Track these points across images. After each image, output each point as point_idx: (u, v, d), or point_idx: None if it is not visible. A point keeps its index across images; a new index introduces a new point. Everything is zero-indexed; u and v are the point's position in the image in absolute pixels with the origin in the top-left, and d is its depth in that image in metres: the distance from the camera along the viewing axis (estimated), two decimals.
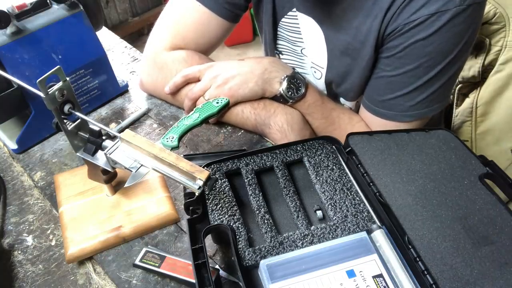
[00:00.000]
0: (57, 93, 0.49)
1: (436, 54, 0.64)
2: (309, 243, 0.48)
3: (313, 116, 0.74)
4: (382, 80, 0.70)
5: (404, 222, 0.48)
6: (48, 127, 0.64)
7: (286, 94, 0.70)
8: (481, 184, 0.52)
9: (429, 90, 0.67)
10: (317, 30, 0.74)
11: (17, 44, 0.66)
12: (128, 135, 0.50)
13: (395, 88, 0.69)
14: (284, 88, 0.70)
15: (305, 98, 0.72)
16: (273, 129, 0.71)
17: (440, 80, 0.67)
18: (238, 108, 0.72)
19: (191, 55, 0.79)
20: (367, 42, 0.68)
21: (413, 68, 0.65)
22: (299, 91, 0.71)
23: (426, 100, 0.68)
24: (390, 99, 0.70)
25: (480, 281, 0.43)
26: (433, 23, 0.60)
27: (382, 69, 0.69)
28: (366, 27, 0.67)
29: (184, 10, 0.79)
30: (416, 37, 0.62)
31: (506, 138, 0.90)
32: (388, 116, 0.72)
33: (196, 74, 0.74)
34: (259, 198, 0.53)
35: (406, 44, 0.64)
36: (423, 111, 0.70)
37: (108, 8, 2.56)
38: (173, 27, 0.80)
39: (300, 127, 0.72)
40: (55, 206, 0.64)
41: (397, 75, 0.67)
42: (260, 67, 0.71)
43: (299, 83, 0.71)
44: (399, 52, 0.65)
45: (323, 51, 0.76)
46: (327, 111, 0.74)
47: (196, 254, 0.46)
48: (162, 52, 0.80)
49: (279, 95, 0.71)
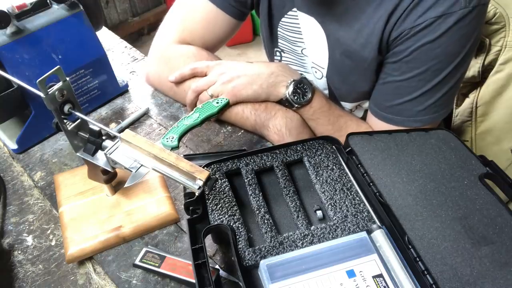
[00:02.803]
0: (57, 93, 0.49)
1: (444, 57, 0.63)
2: (309, 243, 0.48)
3: (317, 122, 0.73)
4: (389, 85, 0.70)
5: (404, 222, 0.48)
6: (48, 127, 0.64)
7: (292, 98, 0.70)
8: (481, 184, 0.52)
9: (437, 94, 0.67)
10: (318, 30, 0.74)
11: (17, 44, 0.66)
12: (128, 135, 0.50)
13: (403, 93, 0.68)
14: (290, 92, 0.70)
15: (311, 104, 0.72)
16: (271, 131, 0.71)
17: (448, 84, 0.66)
18: (239, 108, 0.72)
19: (200, 51, 0.80)
20: (369, 44, 0.67)
21: (421, 72, 0.65)
22: (305, 97, 0.71)
23: (434, 104, 0.68)
24: (398, 104, 0.70)
25: (480, 281, 0.43)
26: (439, 26, 0.60)
27: (390, 74, 0.69)
28: (368, 29, 0.66)
29: (192, 6, 0.81)
30: (423, 40, 0.62)
31: (506, 138, 0.90)
32: (397, 121, 0.71)
33: (204, 69, 0.75)
34: (259, 198, 0.53)
35: (414, 47, 0.63)
36: (432, 116, 0.69)
37: (108, 8, 2.56)
38: (181, 22, 0.82)
39: (298, 131, 0.72)
40: (55, 206, 0.64)
41: (405, 79, 0.67)
42: (268, 70, 0.72)
43: (305, 89, 0.71)
44: (407, 56, 0.65)
45: (324, 51, 0.76)
46: (334, 117, 0.74)
47: (196, 254, 0.46)
48: (169, 45, 0.81)
49: (285, 99, 0.71)
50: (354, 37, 0.69)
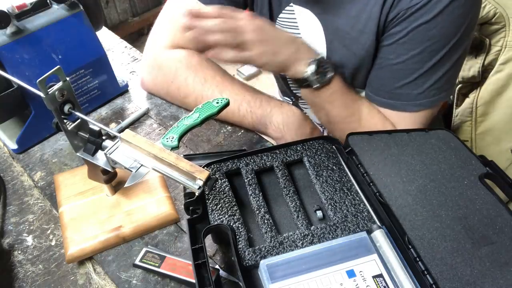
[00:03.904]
0: (57, 93, 0.49)
1: (440, 37, 0.63)
2: (309, 243, 0.48)
3: (334, 105, 0.71)
4: (386, 69, 0.69)
5: (404, 222, 0.48)
6: (48, 127, 0.64)
7: (314, 77, 0.66)
8: (481, 184, 0.52)
9: (435, 76, 0.67)
10: (314, 22, 0.74)
11: (17, 44, 0.66)
12: (128, 135, 0.50)
13: (401, 76, 0.68)
14: (312, 71, 0.66)
15: (330, 85, 0.69)
16: (270, 128, 0.71)
17: (446, 65, 0.66)
18: (235, 106, 0.72)
19: (191, 55, 0.78)
20: (367, 29, 0.67)
21: (418, 53, 0.65)
22: (326, 76, 0.68)
23: (433, 86, 0.68)
24: (396, 88, 0.69)
25: (480, 281, 0.43)
26: (435, 5, 0.60)
27: (385, 58, 0.68)
28: (365, 14, 0.66)
29: (183, 8, 0.79)
30: (419, 21, 0.62)
31: (506, 138, 0.90)
32: (397, 106, 0.71)
33: (232, 19, 0.64)
34: (259, 198, 0.53)
35: (409, 28, 0.63)
36: (432, 99, 0.69)
37: (108, 8, 2.56)
38: (173, 26, 0.80)
39: (297, 126, 0.71)
40: (55, 206, 0.64)
41: (402, 62, 0.66)
42: (294, 46, 0.67)
43: (326, 68, 0.68)
44: (403, 37, 0.64)
45: (322, 42, 0.75)
46: (350, 101, 0.72)
47: (196, 254, 0.46)
48: (162, 50, 0.79)
49: (303, 79, 0.67)
50: (352, 24, 0.68)
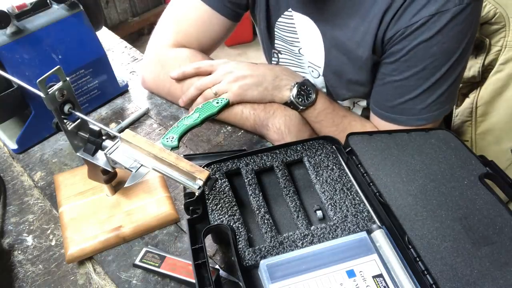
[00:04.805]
0: (57, 93, 0.49)
1: (441, 55, 0.64)
2: (309, 243, 0.48)
3: (322, 124, 0.74)
4: (389, 85, 0.70)
5: (404, 222, 0.48)
6: (48, 127, 0.64)
7: (296, 100, 0.71)
8: (481, 184, 0.52)
9: (438, 91, 0.67)
10: (313, 29, 0.74)
11: (17, 44, 0.66)
12: (128, 135, 0.50)
13: (404, 92, 0.69)
14: (294, 94, 0.70)
15: (315, 106, 0.72)
16: (271, 130, 0.71)
17: (448, 80, 0.67)
18: (238, 108, 0.72)
19: (194, 54, 0.79)
20: (364, 43, 0.68)
21: (420, 70, 0.65)
22: (309, 98, 0.71)
23: (436, 101, 0.68)
24: (400, 103, 0.70)
25: (480, 281, 0.43)
26: (434, 24, 0.60)
27: (388, 74, 0.69)
28: (363, 27, 0.67)
29: (186, 8, 0.80)
30: (419, 39, 0.62)
31: (506, 138, 0.90)
32: (401, 121, 0.71)
33: (208, 68, 0.75)
34: (259, 198, 0.53)
35: (410, 46, 0.63)
36: (435, 113, 0.70)
37: (108, 8, 2.56)
38: (176, 25, 0.81)
39: (298, 129, 0.72)
40: (55, 206, 0.64)
41: (404, 78, 0.67)
42: (272, 73, 0.72)
43: (309, 90, 0.71)
44: (404, 55, 0.65)
45: (320, 49, 0.76)
46: (338, 118, 0.74)
47: (196, 254, 0.46)
48: (164, 49, 0.80)
49: (289, 102, 0.72)
50: (350, 35, 0.69)
